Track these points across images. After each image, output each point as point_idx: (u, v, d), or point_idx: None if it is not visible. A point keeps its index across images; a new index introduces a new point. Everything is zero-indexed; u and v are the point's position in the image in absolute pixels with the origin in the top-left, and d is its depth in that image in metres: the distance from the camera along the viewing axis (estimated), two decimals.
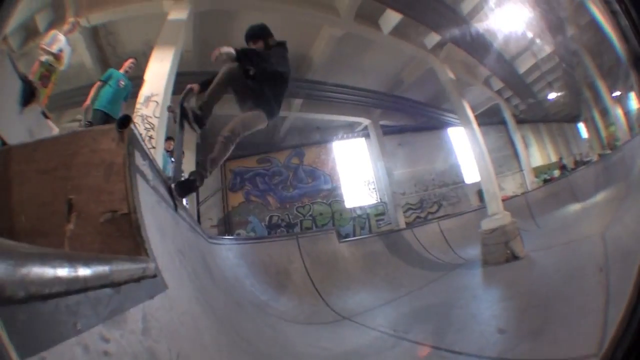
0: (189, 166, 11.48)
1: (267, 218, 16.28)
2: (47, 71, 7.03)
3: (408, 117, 19.38)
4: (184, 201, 8.93)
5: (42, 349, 0.84)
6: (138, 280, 1.67)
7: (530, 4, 13.29)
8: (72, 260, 1.09)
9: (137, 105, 8.13)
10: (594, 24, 15.27)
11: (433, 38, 12.53)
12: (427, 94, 17.63)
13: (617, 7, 1.98)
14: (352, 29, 11.67)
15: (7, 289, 0.75)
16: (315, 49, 12.51)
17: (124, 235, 2.11)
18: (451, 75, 13.16)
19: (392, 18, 11.36)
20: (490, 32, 14.46)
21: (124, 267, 1.53)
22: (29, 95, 5.52)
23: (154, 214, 2.71)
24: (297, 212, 16.89)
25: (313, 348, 5.04)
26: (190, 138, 12.64)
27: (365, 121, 18.12)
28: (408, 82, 15.93)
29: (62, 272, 0.98)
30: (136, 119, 7.65)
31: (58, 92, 8.88)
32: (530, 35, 17.53)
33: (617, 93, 34.77)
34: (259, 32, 4.82)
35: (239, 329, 4.17)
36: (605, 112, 25.64)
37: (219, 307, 4.03)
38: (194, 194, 11.01)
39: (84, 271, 1.12)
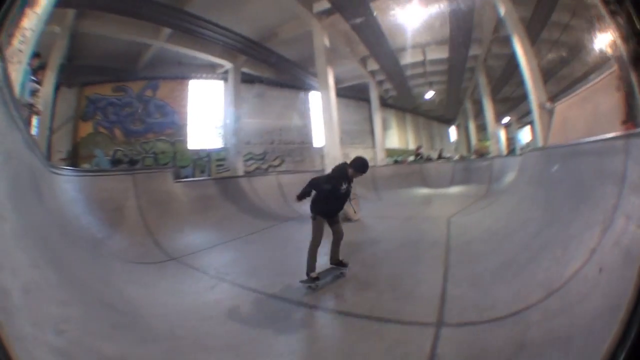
0: (46, 88, 10.83)
1: (112, 152, 15.46)
2: None
3: (272, 70, 19.50)
4: (34, 132, 8.46)
5: None
6: None
7: (446, 8, 13.96)
8: None
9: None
10: (511, 59, 16.29)
11: (324, 4, 12.77)
12: (298, 54, 17.91)
13: (617, 7, 2.19)
14: None
15: None
16: None
17: None
18: (326, 42, 13.73)
19: None
20: (386, 17, 14.90)
21: None
22: None
23: None
24: (141, 148, 16.24)
25: (137, 286, 5.30)
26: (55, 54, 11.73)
27: (228, 65, 17.92)
28: (282, 37, 16.04)
29: None
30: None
31: None
32: (427, 36, 18.30)
33: (507, 119, 37.85)
34: None
35: (57, 251, 4.21)
36: (483, 128, 27.24)
37: (43, 230, 4.05)
38: (46, 121, 10.46)
39: None
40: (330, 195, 5.79)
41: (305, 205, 12.16)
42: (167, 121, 17.10)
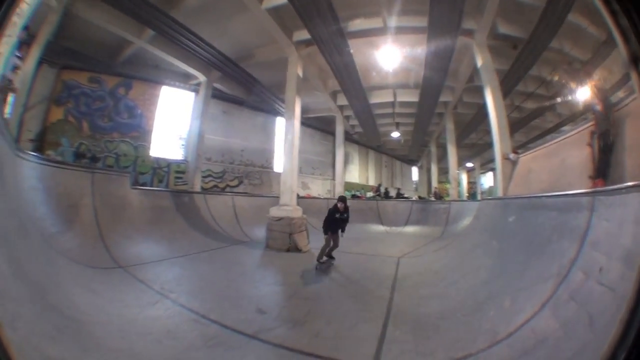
0: (29, 63, 10.69)
1: (77, 144, 15.06)
2: None
3: (243, 90, 19.71)
4: (9, 109, 8.29)
5: None
6: None
7: (423, 54, 13.96)
8: None
9: None
10: (481, 108, 17.25)
11: (304, 34, 12.84)
12: (270, 78, 18.19)
13: (617, 7, 2.20)
14: None
15: None
16: None
17: None
18: (300, 72, 13.98)
19: None
20: (362, 56, 15.18)
21: None
22: None
23: None
24: (104, 146, 15.91)
25: (84, 290, 5.18)
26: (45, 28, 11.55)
27: (202, 77, 18.01)
28: (258, 59, 16.17)
29: None
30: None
31: None
32: (401, 78, 18.68)
33: (470, 164, 38.61)
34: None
35: (11, 241, 4.12)
36: (445, 171, 27.19)
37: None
38: (22, 97, 10.39)
39: None
40: (331, 219, 9.21)
41: (255, 231, 12.61)
42: (134, 123, 16.86)
